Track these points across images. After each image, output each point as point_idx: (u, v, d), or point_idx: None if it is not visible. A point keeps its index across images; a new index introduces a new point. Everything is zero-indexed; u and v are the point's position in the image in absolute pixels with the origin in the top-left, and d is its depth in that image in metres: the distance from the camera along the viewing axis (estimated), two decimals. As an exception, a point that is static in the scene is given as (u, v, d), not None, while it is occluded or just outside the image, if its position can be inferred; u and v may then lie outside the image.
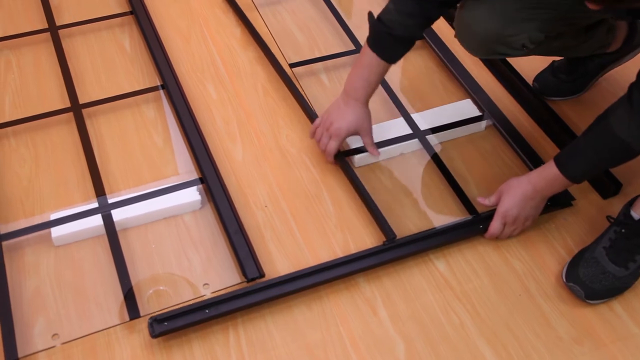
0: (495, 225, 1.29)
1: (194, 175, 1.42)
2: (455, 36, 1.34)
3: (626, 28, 1.50)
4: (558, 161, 1.21)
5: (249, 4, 1.84)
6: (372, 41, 1.33)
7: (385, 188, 1.42)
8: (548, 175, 1.23)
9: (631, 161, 1.19)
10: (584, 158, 1.19)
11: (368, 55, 1.34)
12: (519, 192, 1.26)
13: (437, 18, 1.32)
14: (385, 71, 1.36)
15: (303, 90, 1.60)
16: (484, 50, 1.32)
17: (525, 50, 1.29)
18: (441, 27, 1.76)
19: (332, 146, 1.41)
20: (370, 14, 1.33)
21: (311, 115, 1.52)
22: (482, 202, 1.33)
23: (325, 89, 1.63)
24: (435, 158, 1.47)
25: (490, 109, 1.55)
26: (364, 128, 1.41)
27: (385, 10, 1.30)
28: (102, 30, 1.77)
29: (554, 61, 1.60)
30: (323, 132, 1.42)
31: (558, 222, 1.36)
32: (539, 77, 1.61)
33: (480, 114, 1.54)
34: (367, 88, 1.37)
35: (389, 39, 1.30)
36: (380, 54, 1.32)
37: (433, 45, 1.71)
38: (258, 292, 1.20)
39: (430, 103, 1.60)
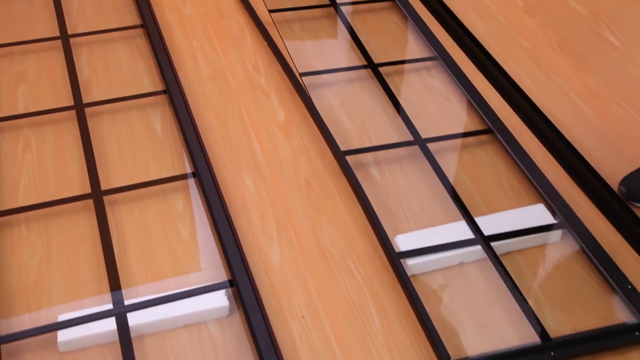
0: None
1: (223, 277, 1.41)
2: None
3: None
4: None
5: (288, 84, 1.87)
6: None
7: (442, 302, 1.38)
8: None
9: None
10: None
11: None
12: None
13: None
14: None
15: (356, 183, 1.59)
16: None
17: None
18: (508, 117, 1.76)
19: None
20: None
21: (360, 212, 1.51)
22: None
23: (375, 183, 1.62)
24: (501, 270, 1.43)
25: (567, 216, 1.51)
26: None
27: None
28: (132, 109, 1.82)
29: None
30: None
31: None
32: (627, 180, 1.57)
33: (555, 221, 1.51)
34: None
35: None
36: None
37: (501, 139, 1.70)
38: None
39: (496, 206, 1.58)
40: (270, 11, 2.13)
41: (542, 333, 1.31)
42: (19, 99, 1.83)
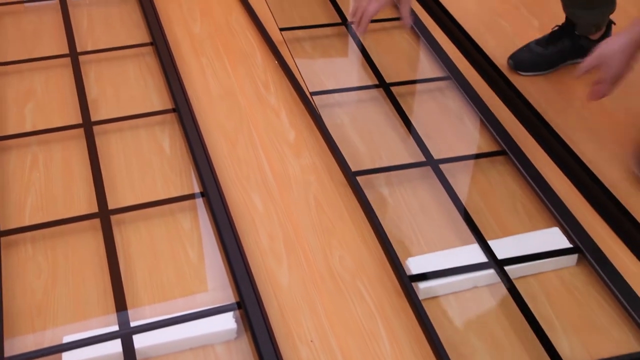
0: (587, 61, 1.43)
1: (231, 298, 1.41)
2: None
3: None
4: None
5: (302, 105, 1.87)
6: None
7: (454, 327, 1.37)
8: None
9: None
10: None
11: None
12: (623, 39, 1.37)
13: None
14: None
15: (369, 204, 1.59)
16: None
17: None
18: (522, 138, 1.76)
19: (373, 8, 1.54)
20: None
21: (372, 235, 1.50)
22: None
23: (386, 204, 1.62)
24: (515, 295, 1.42)
25: (583, 240, 1.50)
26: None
27: None
28: (140, 127, 1.82)
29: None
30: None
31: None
32: (514, 56, 1.97)
33: (571, 245, 1.50)
34: None
35: None
36: None
37: (515, 160, 1.69)
38: None
39: (509, 229, 1.57)
40: (281, 29, 2.14)
41: (557, 360, 1.30)
42: (26, 117, 1.84)
